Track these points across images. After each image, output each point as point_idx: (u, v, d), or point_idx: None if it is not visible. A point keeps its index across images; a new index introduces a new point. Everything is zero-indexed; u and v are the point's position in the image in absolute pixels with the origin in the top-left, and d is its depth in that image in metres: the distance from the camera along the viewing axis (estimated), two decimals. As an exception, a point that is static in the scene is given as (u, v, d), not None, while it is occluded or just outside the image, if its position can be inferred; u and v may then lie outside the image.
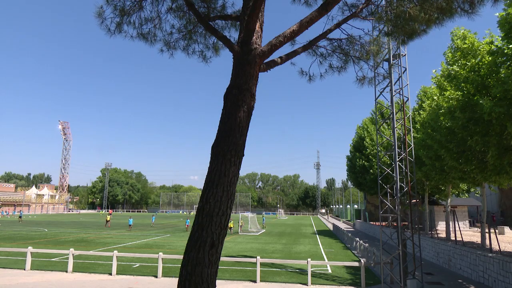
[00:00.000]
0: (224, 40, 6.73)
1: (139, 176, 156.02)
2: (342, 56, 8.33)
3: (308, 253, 23.65)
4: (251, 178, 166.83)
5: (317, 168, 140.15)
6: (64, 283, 13.38)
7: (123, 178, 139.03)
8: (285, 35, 6.46)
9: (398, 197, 13.90)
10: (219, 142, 6.00)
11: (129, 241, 28.99)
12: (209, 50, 9.16)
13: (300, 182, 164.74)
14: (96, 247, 24.41)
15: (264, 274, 15.51)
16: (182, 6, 8.23)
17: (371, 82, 9.18)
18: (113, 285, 13.13)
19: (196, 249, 5.52)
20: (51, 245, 25.15)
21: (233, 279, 15.03)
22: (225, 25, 8.78)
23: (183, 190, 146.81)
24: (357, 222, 53.31)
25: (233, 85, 6.26)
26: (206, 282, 5.41)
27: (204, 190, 5.87)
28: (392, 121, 14.52)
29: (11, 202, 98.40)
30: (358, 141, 44.26)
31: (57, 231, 37.81)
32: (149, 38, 8.39)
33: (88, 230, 40.58)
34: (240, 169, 6.09)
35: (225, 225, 5.77)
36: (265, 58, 6.51)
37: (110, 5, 7.54)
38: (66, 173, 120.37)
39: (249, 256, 20.91)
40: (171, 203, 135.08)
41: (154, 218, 53.60)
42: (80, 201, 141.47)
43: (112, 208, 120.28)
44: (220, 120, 6.19)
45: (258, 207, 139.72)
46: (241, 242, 30.67)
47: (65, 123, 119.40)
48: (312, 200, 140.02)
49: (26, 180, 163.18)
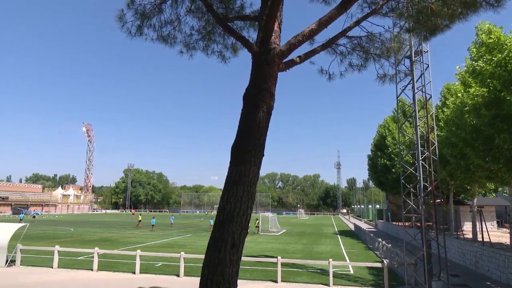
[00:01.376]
0: (243, 40, 6.74)
1: (160, 176, 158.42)
2: (362, 54, 8.21)
3: (330, 254, 23.44)
4: (271, 178, 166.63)
5: (337, 167, 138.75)
6: (90, 281, 13.73)
7: (145, 179, 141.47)
8: (304, 34, 6.42)
9: (421, 196, 13.59)
10: (239, 142, 6.02)
11: (152, 241, 29.48)
12: (228, 50, 9.21)
13: (321, 182, 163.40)
14: (120, 246, 24.94)
15: (285, 274, 15.46)
16: (201, 7, 8.30)
17: (392, 80, 9.01)
18: (137, 283, 13.37)
19: (217, 248, 5.56)
20: (77, 244, 25.86)
21: (254, 279, 15.05)
22: (243, 25, 8.80)
23: (203, 190, 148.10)
24: (379, 222, 52.42)
25: (252, 85, 6.27)
26: (228, 282, 5.43)
27: (224, 190, 5.90)
28: (415, 119, 14.21)
29: (38, 202, 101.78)
30: (380, 140, 43.53)
31: (82, 231, 38.84)
32: (169, 40, 8.50)
33: (112, 229, 41.50)
34: (260, 169, 6.09)
35: (245, 225, 5.78)
36: (284, 57, 6.49)
37: (131, 9, 7.68)
38: (91, 173, 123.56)
39: (270, 256, 20.90)
40: (192, 203, 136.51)
41: (173, 218, 54.29)
42: (104, 201, 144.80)
43: (134, 208, 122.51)
44: (239, 120, 6.21)
45: (278, 207, 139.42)
46: (261, 242, 30.68)
47: (89, 125, 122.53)
48: (333, 200, 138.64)
49: (52, 181, 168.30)
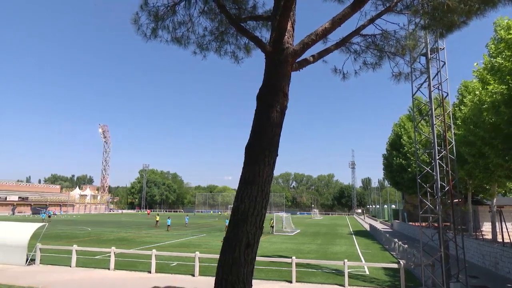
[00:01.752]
0: (256, 40, 6.74)
1: (175, 177, 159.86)
2: (377, 52, 8.12)
3: (345, 254, 23.24)
4: (285, 178, 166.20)
5: (352, 167, 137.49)
6: (107, 280, 13.95)
7: (159, 179, 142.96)
8: (317, 33, 6.38)
9: (438, 196, 13.35)
10: (252, 142, 6.03)
11: (167, 240, 29.76)
12: (241, 50, 9.23)
13: (335, 182, 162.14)
14: (135, 245, 25.26)
15: (299, 274, 15.40)
16: (214, 8, 8.35)
17: (407, 78, 8.90)
18: (153, 282, 13.53)
19: (232, 248, 5.58)
20: (94, 243, 26.29)
21: (269, 279, 15.04)
22: (256, 25, 8.81)
23: (217, 190, 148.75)
24: (395, 222, 51.72)
25: (265, 85, 6.27)
26: (243, 282, 5.45)
27: (238, 190, 5.92)
28: (431, 118, 13.97)
29: (57, 202, 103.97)
30: (395, 139, 42.96)
31: (99, 230, 39.48)
32: (182, 41, 8.57)
33: (128, 229, 42.06)
34: (274, 169, 6.09)
35: (260, 225, 5.79)
36: (297, 57, 6.47)
37: (145, 11, 7.77)
38: (107, 174, 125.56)
39: (284, 256, 20.84)
40: (206, 203, 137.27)
41: (188, 219, 54.67)
42: (120, 201, 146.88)
43: (150, 208, 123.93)
44: (253, 120, 6.21)
45: (292, 207, 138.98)
46: (276, 242, 30.63)
47: (105, 126, 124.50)
48: (347, 200, 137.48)
49: (70, 182, 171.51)
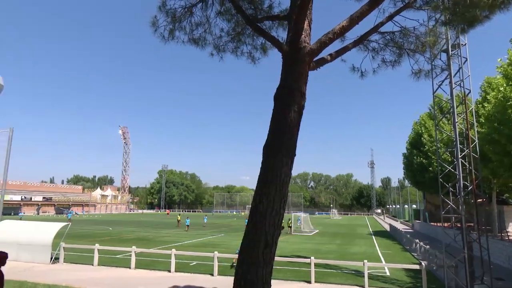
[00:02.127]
0: (273, 40, 6.74)
1: (193, 177, 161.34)
2: (396, 49, 7.99)
3: (364, 255, 22.94)
4: (303, 178, 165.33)
5: (371, 166, 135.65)
6: (128, 278, 14.20)
7: (178, 179, 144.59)
8: (335, 32, 6.32)
9: (461, 196, 13.02)
10: (270, 142, 6.02)
11: (186, 240, 30.07)
12: (257, 51, 9.24)
13: (354, 182, 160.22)
14: (155, 245, 25.62)
15: (318, 275, 15.29)
16: (230, 9, 8.39)
17: (428, 75, 8.72)
18: (172, 282, 13.69)
19: (250, 248, 5.59)
20: (115, 242, 26.80)
21: (287, 279, 14.99)
22: (272, 25, 8.80)
23: (235, 190, 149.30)
24: (416, 222, 50.73)
25: (283, 85, 6.25)
26: (261, 282, 5.45)
27: (257, 190, 5.92)
28: (453, 116, 13.63)
29: (79, 202, 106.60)
30: (415, 138, 42.13)
31: (120, 230, 40.23)
32: (199, 42, 8.65)
33: (147, 229, 42.71)
34: (292, 169, 6.07)
35: (278, 225, 5.78)
36: (315, 56, 6.43)
37: (163, 12, 7.87)
38: (127, 175, 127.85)
39: (303, 256, 20.74)
40: (224, 203, 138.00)
41: (206, 219, 55.06)
42: (140, 201, 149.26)
43: (169, 208, 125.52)
44: (271, 120, 6.21)
45: (310, 207, 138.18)
46: (294, 242, 30.52)
47: (125, 128, 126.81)
48: (366, 200, 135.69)
49: (92, 182, 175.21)
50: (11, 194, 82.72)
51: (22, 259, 16.73)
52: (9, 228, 18.53)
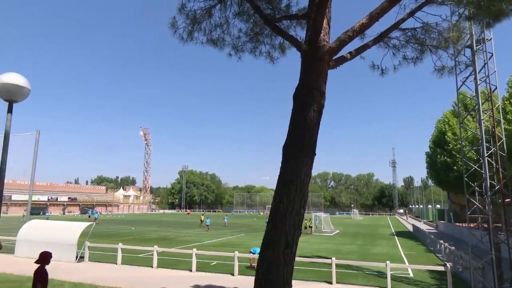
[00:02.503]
0: (291, 39, 6.71)
1: (213, 177, 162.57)
2: (418, 46, 7.81)
3: (386, 255, 22.56)
4: (323, 177, 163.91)
5: (392, 166, 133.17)
6: (150, 277, 14.43)
7: (198, 180, 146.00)
8: (354, 29, 6.24)
9: (488, 196, 12.61)
10: (290, 142, 6.00)
11: (206, 240, 30.32)
12: (276, 50, 9.23)
13: (375, 181, 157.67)
14: (176, 244, 25.94)
15: (339, 275, 15.14)
16: (248, 10, 8.40)
17: (451, 72, 8.49)
18: (194, 281, 13.83)
19: (271, 248, 5.58)
20: (138, 242, 27.30)
21: (308, 279, 14.90)
22: (290, 24, 8.77)
23: (255, 190, 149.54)
24: (440, 223, 49.49)
25: (302, 84, 6.21)
26: (282, 282, 5.43)
27: (277, 190, 5.91)
28: (478, 113, 13.22)
29: (103, 202, 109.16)
30: (439, 136, 41.09)
31: (142, 229, 40.95)
32: (218, 43, 8.70)
33: (169, 228, 43.31)
34: (312, 168, 6.02)
35: (299, 225, 5.75)
36: (334, 54, 6.36)
37: (182, 14, 7.96)
38: (148, 175, 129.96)
39: (324, 256, 20.57)
40: (244, 203, 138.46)
41: (227, 218, 55.36)
42: (161, 202, 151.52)
43: (189, 208, 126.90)
44: (290, 120, 6.18)
45: (331, 207, 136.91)
46: (314, 242, 30.32)
47: (146, 129, 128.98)
48: (388, 199, 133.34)
49: (114, 183, 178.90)
50: (38, 194, 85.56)
51: (49, 258, 17.27)
52: (37, 227, 19.15)
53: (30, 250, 17.76)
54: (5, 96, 6.76)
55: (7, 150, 6.82)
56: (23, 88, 6.84)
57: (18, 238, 18.39)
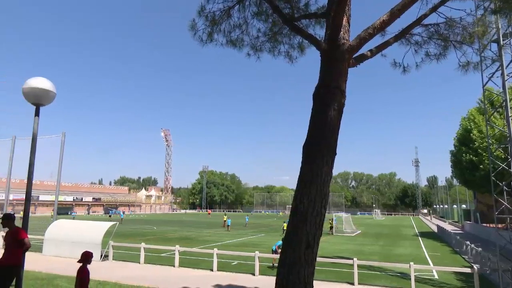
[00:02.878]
0: (310, 38, 6.66)
1: (233, 177, 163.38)
2: (441, 42, 7.61)
3: (410, 257, 22.10)
4: (344, 177, 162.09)
5: (415, 165, 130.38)
6: (173, 276, 14.62)
7: (218, 180, 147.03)
8: (375, 27, 6.14)
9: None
10: (310, 141, 5.95)
11: (227, 240, 30.49)
12: (295, 50, 9.18)
13: (397, 181, 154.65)
14: (198, 244, 26.20)
15: (361, 276, 14.92)
16: (267, 10, 8.40)
17: (477, 68, 8.24)
18: (215, 280, 13.92)
19: (292, 248, 5.55)
20: (160, 241, 27.72)
21: (330, 280, 14.76)
22: (309, 23, 8.71)
23: (275, 190, 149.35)
24: (466, 223, 48.10)
25: (321, 83, 6.16)
26: (304, 282, 5.40)
27: (297, 190, 5.87)
28: (506, 110, 12.78)
29: (125, 202, 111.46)
30: (463, 134, 39.93)
31: (164, 229, 41.56)
32: (237, 43, 8.73)
33: (190, 228, 43.79)
34: (333, 168, 5.96)
35: (320, 225, 5.70)
36: (354, 52, 6.27)
37: (202, 16, 8.03)
38: (170, 176, 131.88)
39: (345, 257, 20.33)
40: (264, 203, 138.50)
41: (248, 218, 55.47)
42: (182, 202, 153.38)
43: (210, 208, 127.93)
44: (310, 119, 6.14)
45: (352, 207, 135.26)
46: (335, 243, 30.01)
47: (167, 131, 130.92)
48: (411, 199, 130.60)
49: (137, 183, 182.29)
50: (64, 195, 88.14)
51: (75, 256, 17.62)
52: (63, 226, 19.71)
53: (57, 248, 18.32)
54: (32, 100, 6.99)
55: (34, 152, 7.05)
56: (49, 92, 7.05)
57: (45, 237, 18.99)
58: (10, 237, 7.33)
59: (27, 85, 6.90)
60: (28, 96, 6.95)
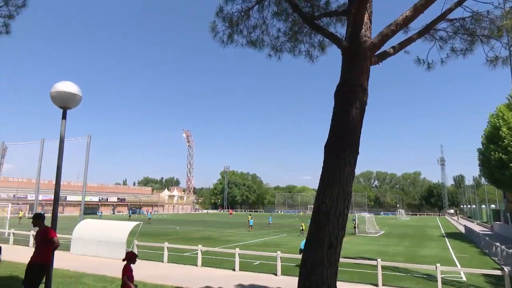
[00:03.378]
0: (331, 37, 6.59)
1: (254, 177, 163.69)
2: (467, 37, 7.38)
3: (436, 258, 21.54)
4: (366, 176, 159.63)
5: (441, 164, 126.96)
6: (195, 276, 14.78)
7: (240, 180, 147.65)
8: (398, 23, 6.01)
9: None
10: (331, 141, 5.89)
11: (249, 240, 30.57)
12: (315, 49, 9.11)
13: (422, 180, 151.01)
14: (220, 244, 26.38)
15: (386, 278, 14.64)
16: (287, 9, 8.37)
17: (506, 62, 7.94)
18: (237, 280, 13.98)
19: (314, 249, 5.51)
20: (183, 241, 28.08)
21: (353, 281, 14.57)
22: (330, 21, 8.63)
23: (296, 190, 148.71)
24: (496, 224, 46.49)
25: (343, 81, 6.08)
26: (327, 283, 5.35)
27: (319, 190, 5.82)
28: (537, 105, 12.25)
29: (149, 203, 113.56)
30: (492, 132, 38.56)
31: (186, 229, 42.08)
32: (257, 44, 8.74)
33: (212, 228, 44.16)
34: (355, 167, 5.88)
35: (343, 226, 5.63)
36: (376, 50, 6.16)
37: (220, 17, 8.08)
38: (191, 176, 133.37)
39: (368, 258, 20.01)
40: (285, 203, 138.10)
41: (272, 219, 55.40)
42: (204, 202, 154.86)
43: (232, 208, 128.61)
44: (331, 118, 6.07)
45: (375, 207, 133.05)
46: (358, 243, 29.60)
47: (188, 131, 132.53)
48: (437, 199, 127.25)
49: (160, 184, 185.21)
50: (90, 195, 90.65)
51: (102, 255, 18.21)
52: (89, 226, 20.26)
53: (84, 247, 18.85)
54: (59, 103, 7.21)
55: (62, 154, 7.27)
56: (76, 95, 7.26)
57: (73, 236, 19.57)
58: (40, 236, 7.59)
59: (54, 89, 7.12)
60: (55, 99, 7.17)
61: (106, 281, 12.61)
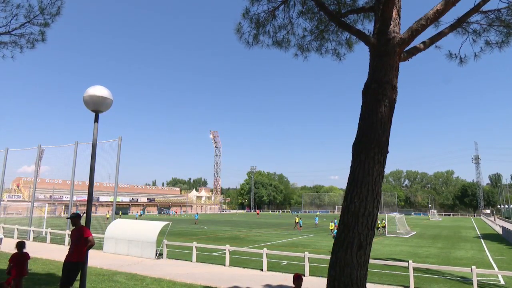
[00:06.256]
0: (358, 34, 6.47)
1: (281, 178, 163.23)
2: (503, 28, 7.06)
3: (471, 260, 20.71)
4: (396, 176, 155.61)
5: (476, 162, 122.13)
6: (223, 275, 14.90)
7: (266, 180, 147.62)
8: (428, 17, 5.82)
9: None
10: (360, 139, 5.78)
11: (276, 240, 30.51)
12: (342, 46, 8.98)
13: (455, 179, 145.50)
14: (247, 244, 26.48)
15: (418, 280, 14.23)
16: (313, 8, 8.29)
17: (546, 55, 7.51)
18: (265, 280, 13.98)
19: (343, 249, 5.42)
20: (211, 241, 28.39)
21: (384, 283, 14.23)
22: (357, 18, 8.49)
23: (324, 190, 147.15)
24: (536, 225, 44.12)
25: (371, 79, 5.95)
26: (356, 284, 5.25)
27: (347, 190, 5.73)
28: None
29: (177, 203, 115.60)
30: (531, 128, 36.76)
31: (214, 229, 42.52)
32: (283, 44, 8.71)
33: (239, 228, 44.39)
34: (385, 167, 5.74)
35: (372, 226, 5.51)
36: (406, 46, 6.00)
37: (246, 19, 8.11)
38: (219, 177, 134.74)
39: (399, 259, 19.50)
40: (313, 203, 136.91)
41: (318, 219, 54.82)
42: (231, 202, 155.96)
43: (259, 208, 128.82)
44: (360, 116, 5.96)
45: (405, 207, 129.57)
46: (388, 244, 28.91)
47: (215, 132, 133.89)
48: (472, 199, 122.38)
49: (188, 184, 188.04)
50: (121, 196, 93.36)
51: (132, 254, 18.70)
52: (121, 226, 20.85)
53: (116, 246, 19.42)
54: (92, 107, 7.46)
55: (94, 157, 7.52)
56: (107, 99, 7.49)
57: (105, 235, 20.20)
58: (76, 235, 7.86)
59: (87, 93, 7.37)
60: (88, 103, 7.42)
61: (137, 279, 12.93)
